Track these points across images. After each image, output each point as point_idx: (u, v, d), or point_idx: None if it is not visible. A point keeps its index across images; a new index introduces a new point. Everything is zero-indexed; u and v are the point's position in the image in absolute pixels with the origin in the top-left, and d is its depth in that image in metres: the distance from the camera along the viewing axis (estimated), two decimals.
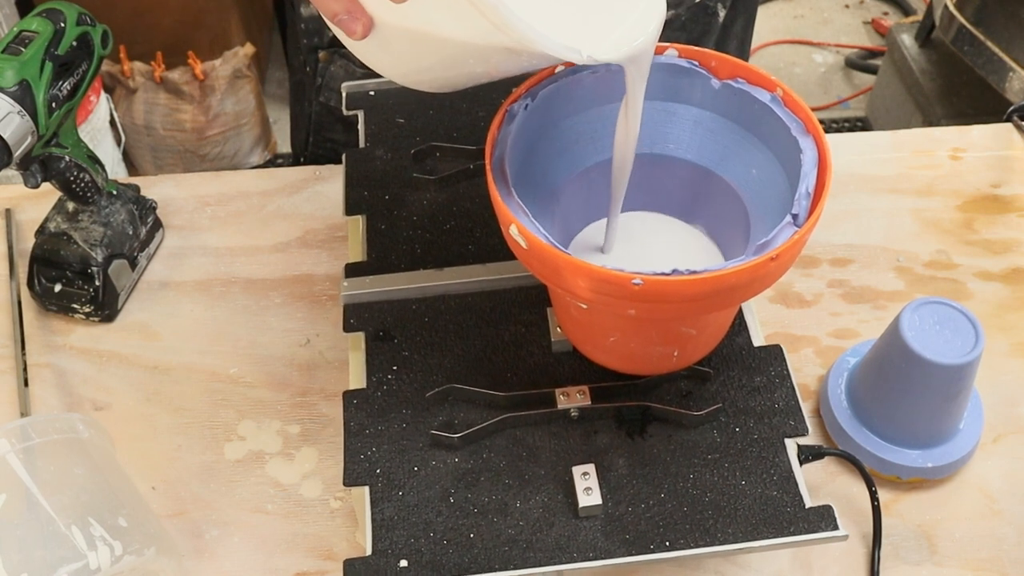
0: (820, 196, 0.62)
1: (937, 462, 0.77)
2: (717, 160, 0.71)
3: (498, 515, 0.66)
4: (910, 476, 0.77)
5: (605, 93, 0.70)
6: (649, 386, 0.71)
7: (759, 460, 0.67)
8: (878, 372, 0.77)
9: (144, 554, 0.67)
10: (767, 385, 0.71)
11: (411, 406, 0.70)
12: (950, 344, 0.72)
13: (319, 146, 1.08)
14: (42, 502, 0.67)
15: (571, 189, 0.71)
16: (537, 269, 0.63)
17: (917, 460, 0.77)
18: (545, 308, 0.75)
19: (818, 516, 0.64)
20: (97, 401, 0.83)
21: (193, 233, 0.94)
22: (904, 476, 0.77)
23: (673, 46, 0.70)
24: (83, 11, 0.79)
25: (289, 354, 0.85)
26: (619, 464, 0.67)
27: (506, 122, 0.67)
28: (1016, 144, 1.01)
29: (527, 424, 0.70)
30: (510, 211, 0.61)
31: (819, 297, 0.89)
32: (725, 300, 0.62)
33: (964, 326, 0.73)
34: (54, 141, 0.80)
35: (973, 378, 0.74)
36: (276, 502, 0.78)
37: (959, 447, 0.78)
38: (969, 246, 0.93)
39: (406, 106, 0.88)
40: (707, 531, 0.64)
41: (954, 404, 0.75)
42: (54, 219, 0.87)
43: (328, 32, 1.00)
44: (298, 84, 1.09)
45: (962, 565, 0.74)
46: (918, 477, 0.77)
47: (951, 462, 0.77)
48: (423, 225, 0.80)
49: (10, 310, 0.87)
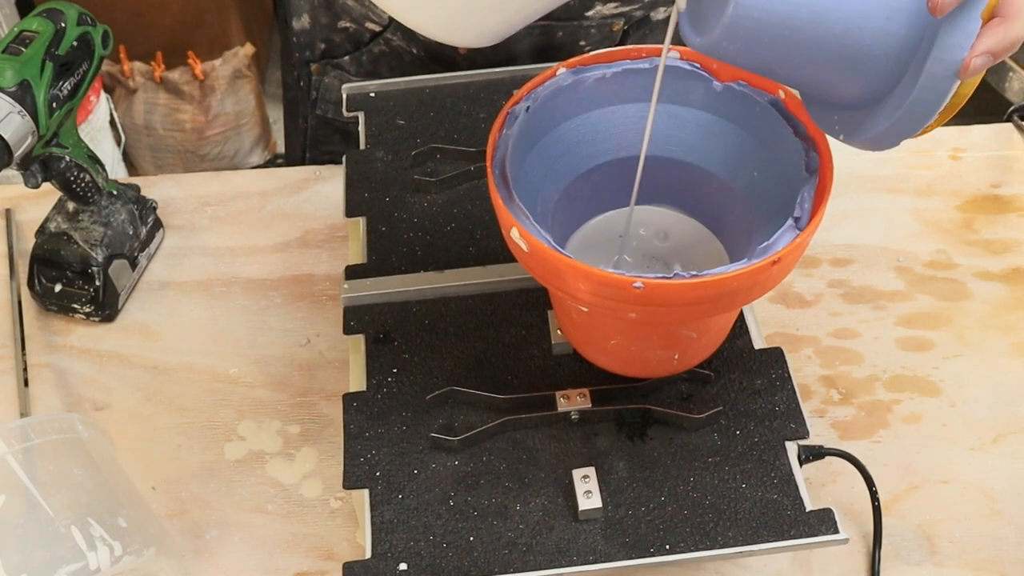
0: (822, 199, 0.62)
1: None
2: (719, 162, 0.71)
3: (498, 518, 0.66)
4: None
5: (606, 96, 0.70)
6: (649, 389, 0.71)
7: (759, 463, 0.67)
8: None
9: (144, 554, 0.67)
10: (768, 388, 0.71)
11: (411, 409, 0.70)
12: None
13: (316, 160, 1.08)
14: (42, 502, 0.67)
15: (572, 192, 0.71)
16: (538, 272, 0.63)
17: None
18: (546, 311, 0.75)
19: (818, 519, 0.64)
20: (97, 401, 0.83)
21: (193, 233, 0.94)
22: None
23: (675, 48, 0.69)
24: (83, 11, 0.79)
25: (289, 354, 0.85)
26: (619, 467, 0.67)
27: (507, 124, 0.66)
28: (1016, 144, 1.01)
29: (527, 427, 0.70)
30: (511, 214, 0.61)
31: (819, 297, 0.89)
32: (726, 303, 0.62)
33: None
34: (54, 141, 0.80)
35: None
36: (276, 502, 0.78)
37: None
38: (969, 246, 0.93)
39: (407, 107, 0.88)
40: (707, 534, 0.64)
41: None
42: (54, 219, 0.87)
43: (320, 44, 1.00)
44: (292, 100, 1.09)
45: (962, 565, 0.74)
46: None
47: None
48: (423, 227, 0.80)
49: (10, 310, 0.87)
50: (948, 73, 0.54)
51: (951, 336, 0.86)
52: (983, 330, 0.87)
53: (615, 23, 0.95)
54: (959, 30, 0.53)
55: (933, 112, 0.56)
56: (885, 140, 0.59)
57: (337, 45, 0.99)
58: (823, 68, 0.58)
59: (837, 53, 0.56)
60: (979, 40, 0.53)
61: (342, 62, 1.00)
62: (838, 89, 0.60)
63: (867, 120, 0.60)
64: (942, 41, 0.53)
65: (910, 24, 0.55)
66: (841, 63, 0.57)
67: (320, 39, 1.00)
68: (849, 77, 0.58)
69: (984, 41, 0.53)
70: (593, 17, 0.93)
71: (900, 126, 0.57)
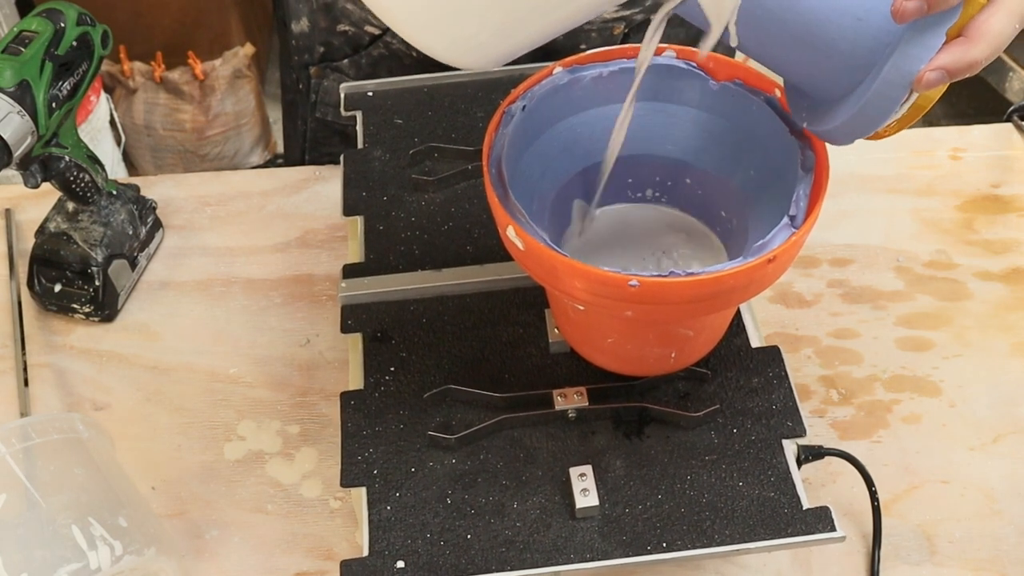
0: (818, 198, 0.62)
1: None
2: (715, 161, 0.71)
3: (495, 516, 0.66)
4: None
5: (603, 94, 0.70)
6: (647, 387, 0.71)
7: (757, 461, 0.67)
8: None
9: (144, 554, 0.67)
10: (765, 386, 0.71)
11: (409, 407, 0.71)
12: None
13: (316, 162, 1.08)
14: (42, 502, 0.67)
15: (569, 191, 0.71)
16: (534, 271, 0.63)
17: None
18: (543, 309, 0.75)
19: (815, 517, 0.64)
20: (97, 401, 0.83)
21: (193, 233, 0.94)
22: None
23: (671, 47, 0.70)
24: (83, 11, 0.79)
25: (289, 354, 0.86)
26: (616, 465, 0.67)
27: (504, 123, 0.67)
28: (1016, 144, 1.01)
29: (524, 425, 0.70)
30: (507, 213, 0.62)
31: (819, 297, 0.89)
32: (722, 302, 0.62)
33: None
34: (54, 141, 0.80)
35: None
36: (276, 502, 0.78)
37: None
38: (969, 246, 0.93)
39: (404, 107, 0.89)
40: (704, 532, 0.64)
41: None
42: (54, 219, 0.87)
43: (319, 48, 1.00)
44: (290, 103, 1.09)
45: (962, 565, 0.74)
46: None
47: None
48: (421, 226, 0.80)
49: (10, 310, 0.87)
50: (903, 82, 0.54)
51: (951, 336, 0.86)
52: (983, 330, 0.87)
53: (616, 27, 0.95)
54: (922, 43, 0.53)
55: (885, 117, 0.57)
56: (839, 135, 0.60)
57: (336, 48, 1.00)
58: (788, 52, 0.59)
59: (803, 40, 0.57)
60: (938, 55, 0.53)
61: (341, 65, 1.00)
62: (807, 76, 0.61)
63: (828, 113, 0.60)
64: (903, 50, 0.54)
65: (882, 28, 0.55)
66: (806, 51, 0.58)
67: (319, 42, 1.00)
68: (817, 67, 0.59)
69: (942, 57, 0.53)
70: (594, 21, 0.93)
71: (854, 125, 0.58)
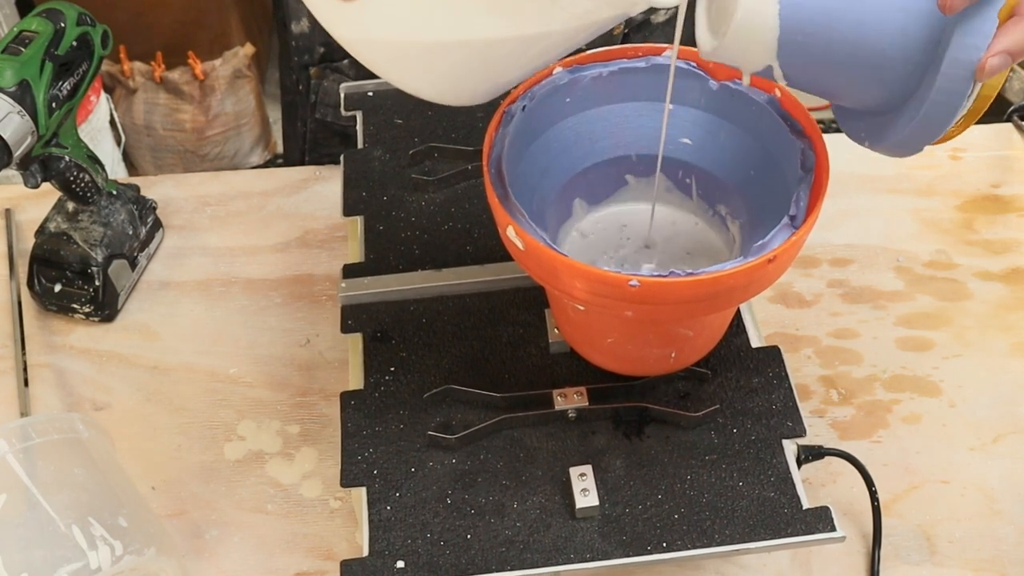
0: (818, 198, 0.62)
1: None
2: (715, 161, 0.71)
3: (495, 516, 0.66)
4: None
5: (603, 94, 0.70)
6: (647, 387, 0.71)
7: (756, 461, 0.67)
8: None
9: (144, 554, 0.67)
10: (765, 386, 0.71)
11: (408, 407, 0.71)
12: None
13: (316, 163, 1.08)
14: (42, 502, 0.67)
15: (569, 191, 0.71)
16: (534, 271, 0.63)
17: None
18: (543, 309, 0.75)
19: (815, 517, 0.64)
20: (97, 401, 0.83)
21: (193, 233, 0.94)
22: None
23: (671, 47, 0.69)
24: (83, 11, 0.79)
25: (289, 354, 0.86)
26: (616, 465, 0.67)
27: (504, 123, 0.67)
28: (1016, 144, 1.01)
29: (524, 425, 0.70)
30: (507, 212, 0.62)
31: (819, 297, 0.89)
32: (722, 302, 0.62)
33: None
34: (54, 141, 0.80)
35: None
36: (276, 502, 0.78)
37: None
38: (969, 246, 0.93)
39: (404, 106, 0.89)
40: (704, 532, 0.64)
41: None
42: (54, 219, 0.87)
43: (319, 48, 1.00)
44: (290, 104, 1.09)
45: (962, 565, 0.74)
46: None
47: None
48: (421, 226, 0.80)
49: (10, 310, 0.87)
50: (965, 74, 0.53)
51: (951, 336, 0.86)
52: (983, 330, 0.87)
53: (616, 26, 0.95)
54: (976, 30, 0.52)
55: (952, 115, 0.55)
56: (907, 145, 0.58)
57: (336, 49, 1.00)
58: (838, 73, 0.57)
59: (852, 58, 0.55)
60: (996, 39, 0.52)
61: (341, 66, 1.00)
62: (857, 95, 0.59)
63: (890, 126, 0.58)
64: (958, 41, 0.52)
65: (927, 26, 0.54)
66: (857, 68, 0.56)
67: (319, 43, 1.00)
68: (866, 82, 0.57)
69: (1001, 40, 0.52)
70: None
71: (920, 130, 0.56)
